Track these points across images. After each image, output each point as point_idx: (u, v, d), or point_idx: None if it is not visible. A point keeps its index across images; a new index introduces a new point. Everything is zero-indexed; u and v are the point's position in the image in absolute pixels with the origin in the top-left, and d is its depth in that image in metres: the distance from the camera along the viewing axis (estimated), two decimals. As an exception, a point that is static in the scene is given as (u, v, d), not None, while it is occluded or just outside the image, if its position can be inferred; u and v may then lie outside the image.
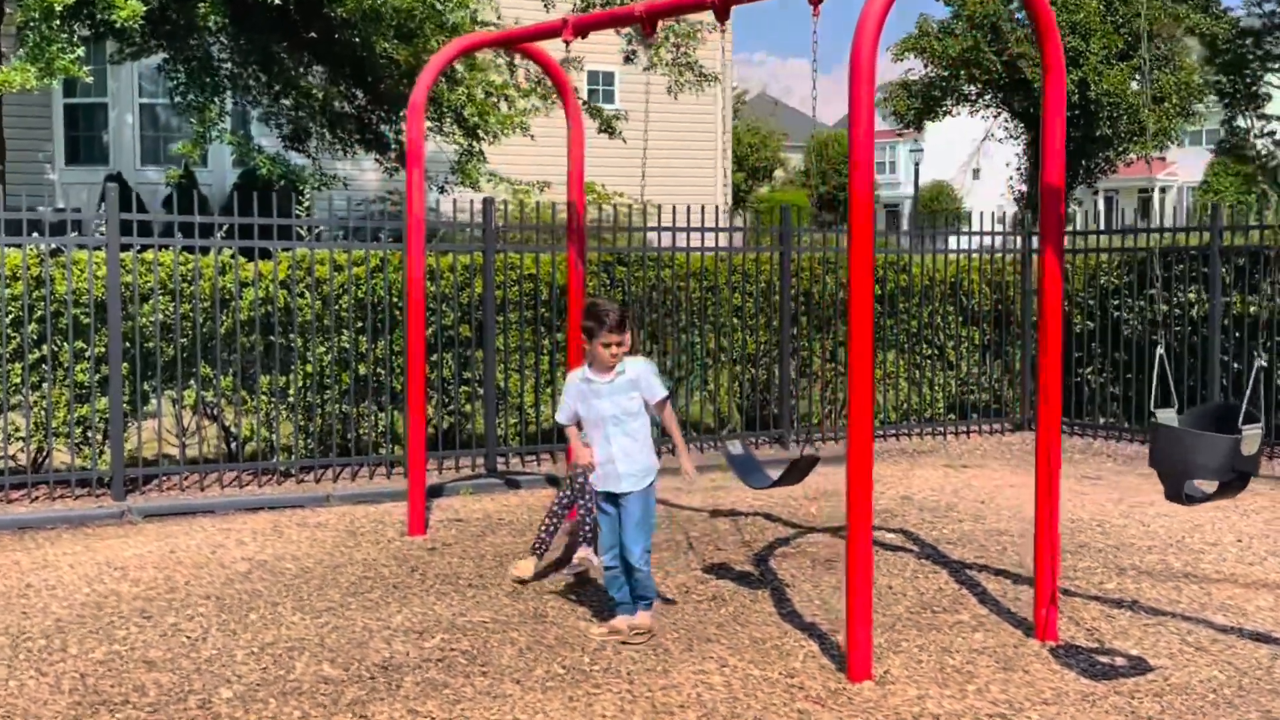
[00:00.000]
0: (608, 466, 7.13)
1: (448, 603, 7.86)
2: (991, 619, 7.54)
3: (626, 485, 7.14)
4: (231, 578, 8.47)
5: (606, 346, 7.06)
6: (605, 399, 7.14)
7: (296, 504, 11.03)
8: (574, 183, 10.13)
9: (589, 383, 7.20)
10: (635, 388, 7.19)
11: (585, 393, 7.19)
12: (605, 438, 7.13)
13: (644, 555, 7.19)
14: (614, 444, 7.12)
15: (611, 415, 7.12)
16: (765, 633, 7.30)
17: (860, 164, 6.33)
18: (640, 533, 7.16)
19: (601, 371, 7.16)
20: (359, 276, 12.05)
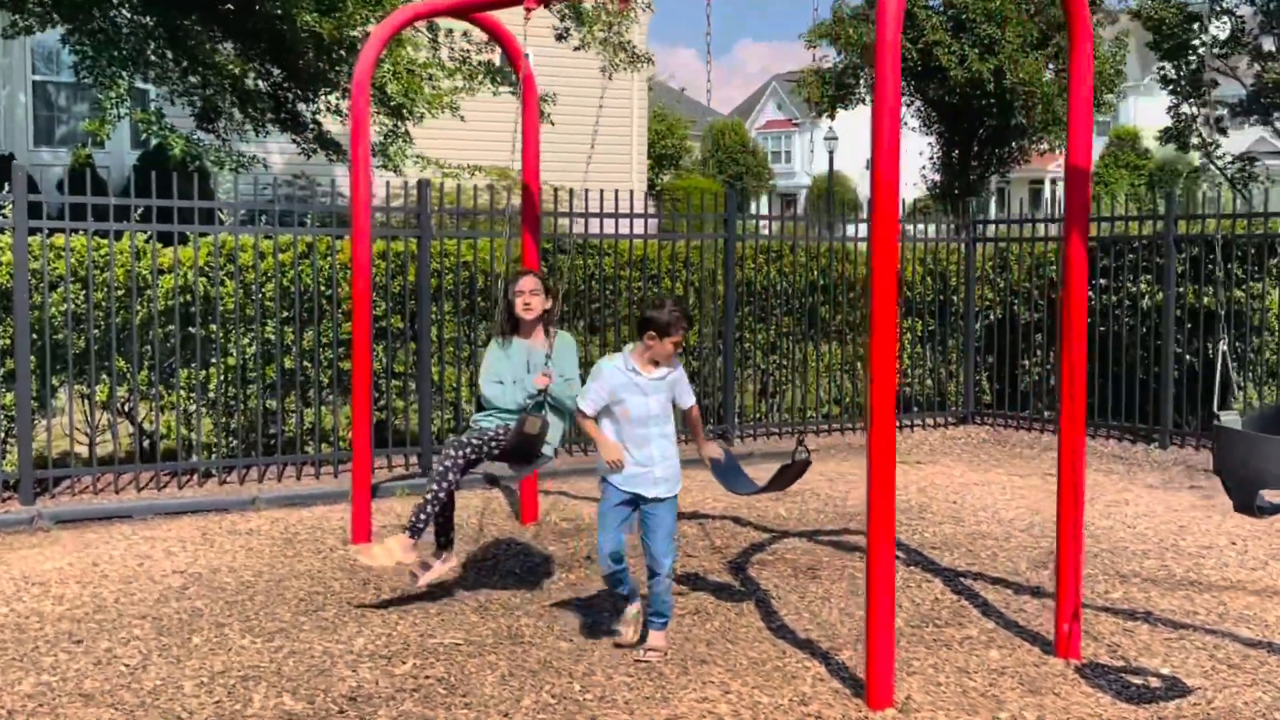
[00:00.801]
0: (645, 469, 6.56)
1: (412, 621, 7.17)
2: (1001, 634, 7.01)
3: (662, 490, 6.61)
4: (166, 594, 7.69)
5: (675, 346, 6.57)
6: (651, 396, 6.57)
7: (221, 507, 10.25)
8: (529, 164, 9.46)
9: (636, 374, 6.57)
10: (671, 389, 6.69)
11: (629, 385, 6.54)
12: (645, 438, 6.56)
13: (671, 569, 6.73)
14: (654, 446, 6.57)
15: (654, 414, 6.58)
16: (761, 652, 6.71)
17: (883, 149, 5.74)
18: (671, 543, 6.69)
19: (649, 366, 6.59)
20: (284, 263, 11.26)
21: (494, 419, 7.43)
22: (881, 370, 5.82)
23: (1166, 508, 10.19)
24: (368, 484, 9.09)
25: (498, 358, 7.52)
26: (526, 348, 7.50)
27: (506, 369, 7.44)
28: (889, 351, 5.84)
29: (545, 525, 9.58)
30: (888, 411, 5.84)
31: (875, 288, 5.84)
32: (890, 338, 5.85)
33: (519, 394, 7.35)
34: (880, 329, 5.83)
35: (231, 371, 11.07)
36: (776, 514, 9.93)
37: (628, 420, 6.55)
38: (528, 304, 7.41)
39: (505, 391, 7.38)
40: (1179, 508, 10.19)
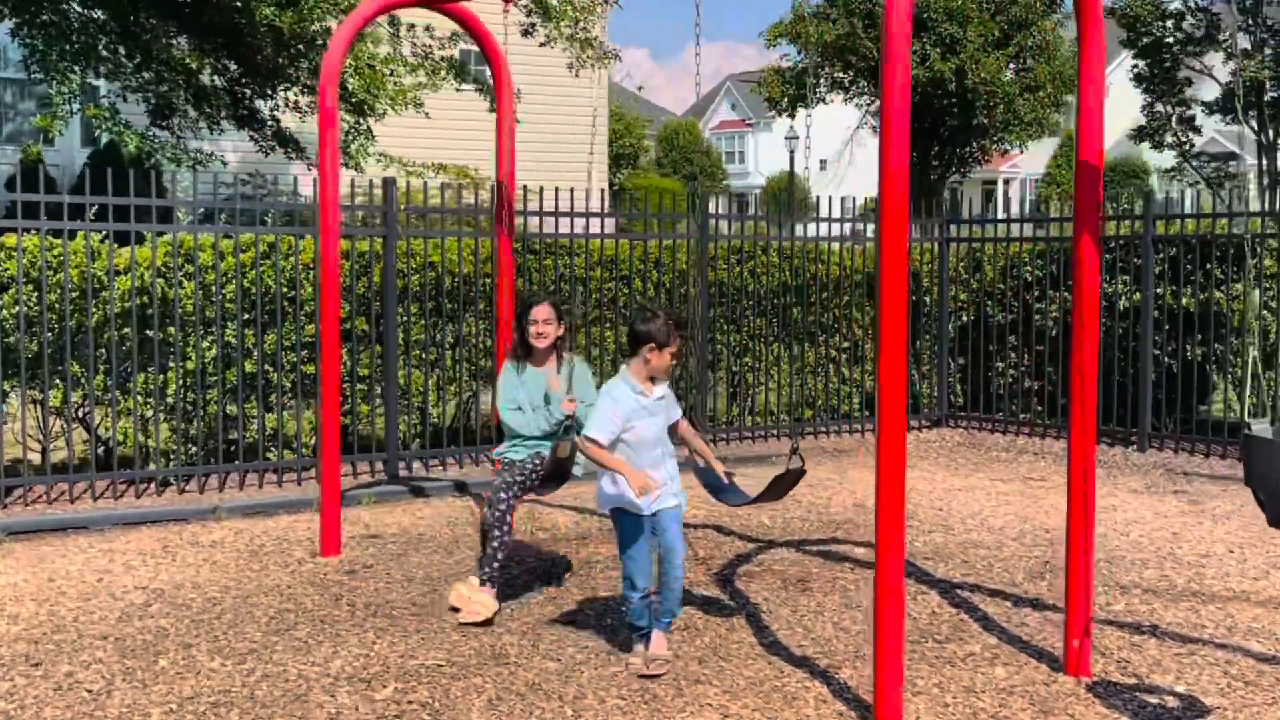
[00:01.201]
0: (661, 489, 6.36)
1: (389, 641, 6.82)
2: (1005, 649, 6.74)
3: (670, 503, 6.44)
4: (128, 612, 7.31)
5: (674, 358, 6.33)
6: (659, 415, 6.35)
7: (180, 517, 9.87)
8: (503, 160, 9.14)
9: (642, 395, 6.30)
10: (668, 407, 6.48)
11: (638, 409, 6.25)
12: (658, 459, 6.36)
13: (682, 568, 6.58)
14: (664, 465, 6.41)
15: (661, 435, 6.35)
16: (758, 670, 6.41)
17: (893, 144, 5.45)
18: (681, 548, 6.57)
19: (648, 385, 6.34)
20: (245, 263, 10.88)
21: (521, 449, 7.53)
22: (891, 376, 5.53)
23: (1155, 514, 9.96)
24: (337, 493, 8.72)
25: (512, 383, 7.57)
26: (542, 375, 7.53)
27: (524, 395, 7.52)
28: (898, 356, 5.56)
29: (521, 535, 9.24)
30: (898, 419, 5.56)
31: (885, 289, 5.55)
32: (900, 341, 5.57)
33: (541, 421, 7.47)
34: (889, 332, 5.55)
35: (190, 376, 10.68)
36: (760, 523, 9.64)
37: (640, 444, 6.27)
38: (540, 333, 7.44)
39: (528, 420, 7.49)
40: (1168, 514, 9.97)
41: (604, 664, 6.50)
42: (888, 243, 5.54)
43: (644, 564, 6.42)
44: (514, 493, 7.23)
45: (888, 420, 5.55)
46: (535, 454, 7.43)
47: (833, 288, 14.01)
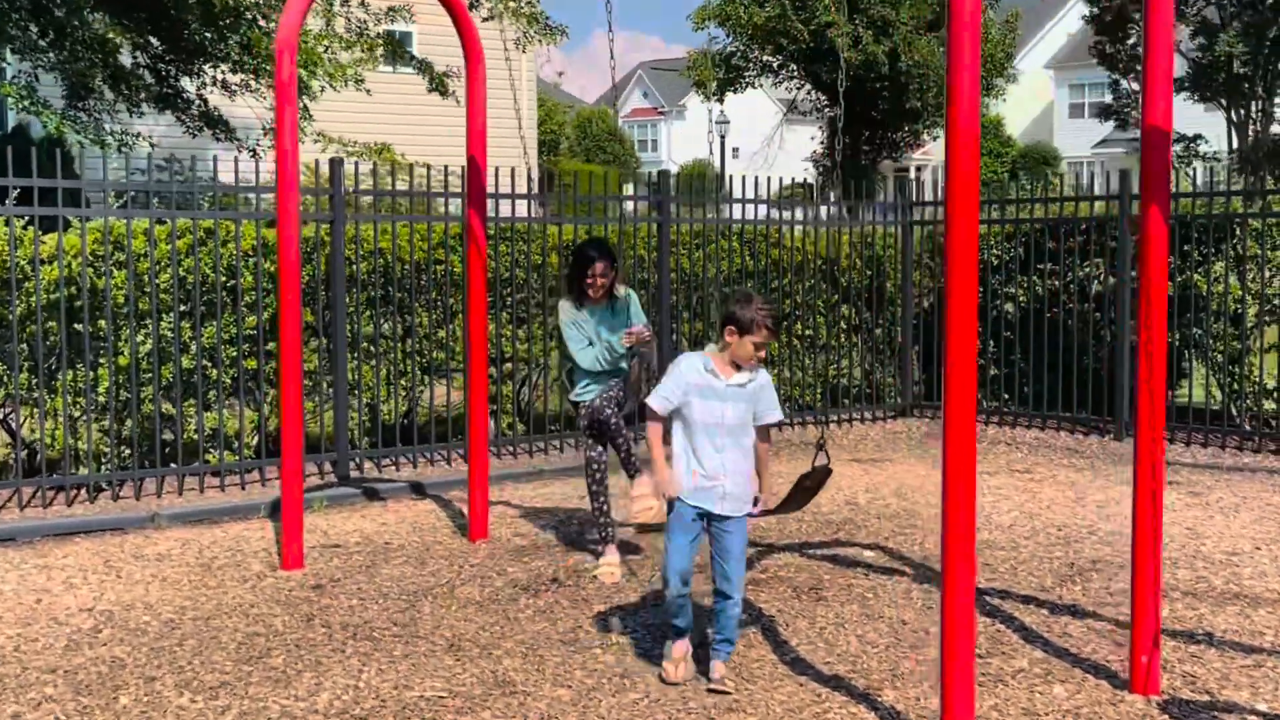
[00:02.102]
0: (713, 482, 5.78)
1: (377, 668, 6.09)
2: (1056, 664, 6.16)
3: (729, 508, 5.84)
4: (76, 639, 6.52)
5: (756, 349, 5.75)
6: (727, 403, 5.76)
7: (116, 526, 9.06)
8: (475, 136, 8.40)
9: (714, 376, 5.74)
10: (754, 400, 5.83)
11: (704, 388, 5.75)
12: (716, 448, 5.77)
13: (742, 589, 5.95)
14: (726, 457, 5.77)
15: (728, 424, 5.76)
16: (791, 695, 5.78)
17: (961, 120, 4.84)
18: (742, 563, 5.90)
19: (729, 369, 5.76)
20: (180, 251, 10.06)
21: (593, 388, 7.80)
22: (960, 371, 4.90)
23: (1167, 509, 9.42)
24: (299, 501, 7.96)
25: (577, 321, 7.79)
26: (601, 311, 7.81)
27: (590, 331, 7.77)
28: (968, 348, 4.93)
29: (497, 542, 8.55)
30: (967, 425, 4.95)
31: (953, 276, 4.93)
32: (970, 332, 4.94)
33: (606, 354, 7.69)
34: (957, 321, 4.92)
35: (123, 372, 9.85)
36: (755, 525, 8.94)
37: (696, 426, 5.75)
38: (597, 285, 7.71)
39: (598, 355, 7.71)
40: (1174, 507, 9.45)
41: (619, 689, 5.84)
42: (957, 231, 4.92)
43: (675, 561, 5.88)
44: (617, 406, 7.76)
45: (956, 424, 4.96)
46: (607, 389, 7.76)
47: (792, 273, 13.38)
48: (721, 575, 5.87)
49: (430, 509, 9.59)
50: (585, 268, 7.69)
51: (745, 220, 13.12)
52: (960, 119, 4.85)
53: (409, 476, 10.71)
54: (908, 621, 6.81)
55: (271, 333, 10.42)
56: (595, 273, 7.67)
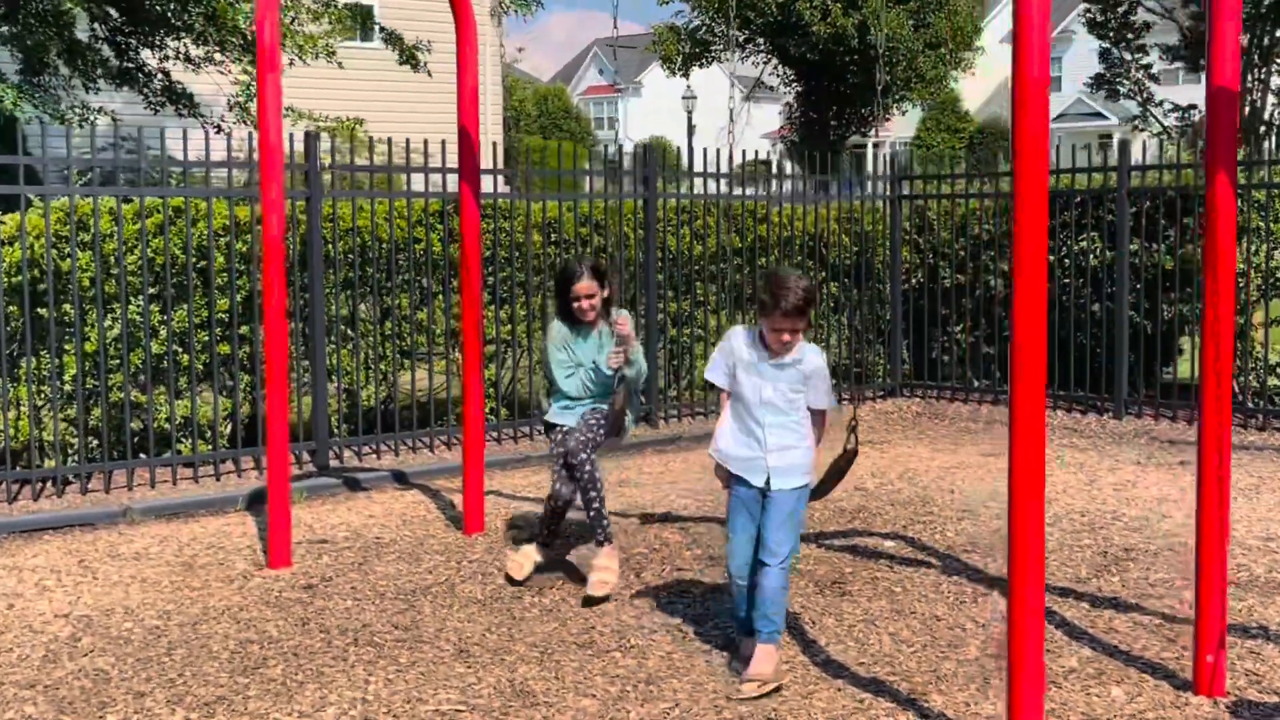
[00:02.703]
0: (754, 456, 5.55)
1: (384, 677, 5.65)
2: (1109, 663, 5.78)
3: (776, 483, 5.53)
4: (54, 650, 6.04)
5: (776, 332, 5.43)
6: (768, 381, 5.51)
7: (86, 522, 8.57)
8: (466, 104, 7.93)
9: (755, 352, 5.52)
10: (801, 380, 5.50)
11: (747, 363, 5.54)
12: (758, 423, 5.54)
13: (787, 559, 5.54)
14: (768, 433, 5.52)
15: (770, 402, 5.51)
16: (830, 700, 5.39)
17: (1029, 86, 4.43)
18: (788, 531, 5.52)
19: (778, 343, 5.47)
20: (149, 230, 9.55)
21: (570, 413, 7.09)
22: (1028, 348, 4.49)
23: (1181, 490, 9.09)
24: (286, 495, 7.48)
25: (567, 347, 7.06)
26: (595, 337, 7.06)
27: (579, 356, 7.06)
28: (1037, 322, 4.53)
29: (493, 535, 8.11)
30: (1036, 398, 4.53)
31: (1021, 246, 4.51)
32: (1040, 304, 4.53)
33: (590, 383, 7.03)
34: (1026, 293, 4.51)
35: (90, 359, 9.34)
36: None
37: (740, 401, 5.58)
38: (585, 309, 6.95)
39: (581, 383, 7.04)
40: (1193, 488, 9.07)
41: (647, 697, 5.42)
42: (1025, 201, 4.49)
43: (734, 544, 5.62)
44: (593, 449, 6.88)
45: (1024, 410, 4.53)
46: (591, 409, 7.04)
47: (777, 249, 12.96)
48: (760, 543, 5.55)
49: (417, 500, 9.13)
50: (568, 287, 6.94)
51: (738, 196, 12.69)
52: (1027, 69, 4.42)
53: (390, 465, 10.25)
54: (941, 617, 6.42)
55: (245, 316, 9.94)
56: (579, 293, 6.89)
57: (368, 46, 15.53)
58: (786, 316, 5.36)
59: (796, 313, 5.37)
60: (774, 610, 5.51)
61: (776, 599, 5.51)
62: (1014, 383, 4.55)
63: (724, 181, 12.57)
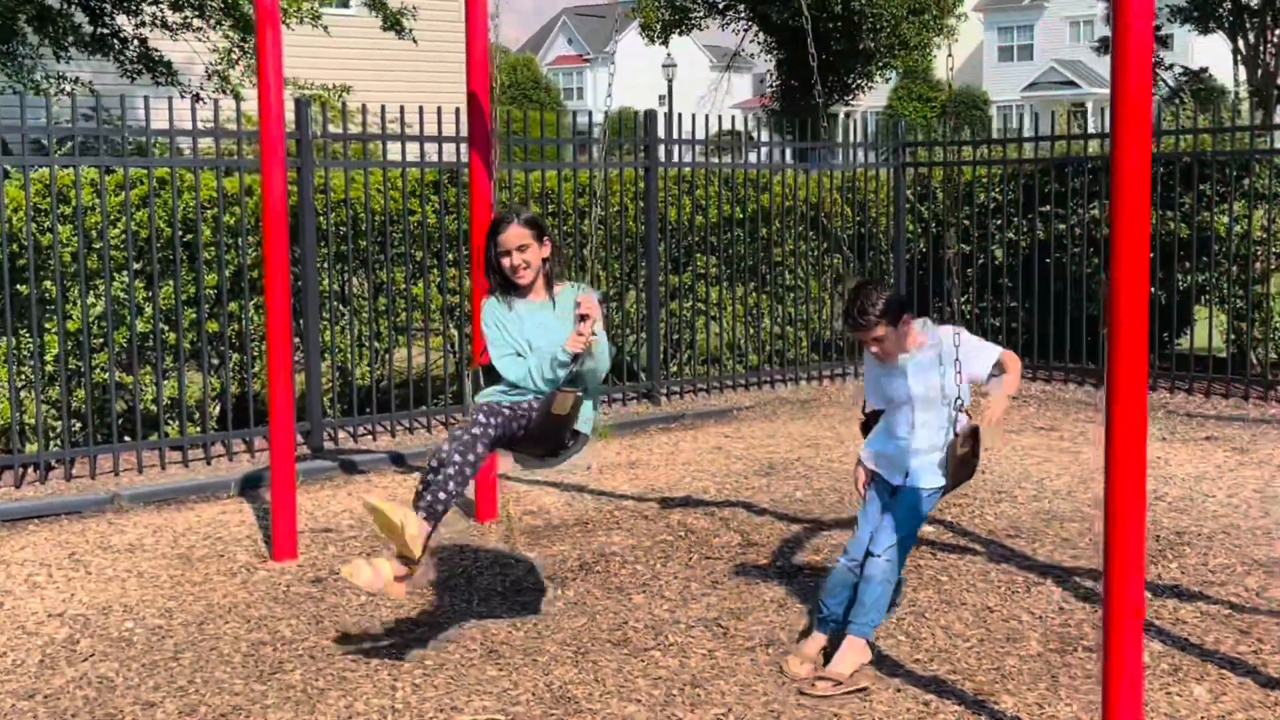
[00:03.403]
0: (896, 455, 5.34)
1: (411, 682, 5.24)
2: (1183, 659, 5.43)
3: (913, 480, 5.31)
4: (51, 653, 5.61)
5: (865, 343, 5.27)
6: (898, 379, 5.30)
7: (73, 510, 8.13)
8: (475, 67, 7.50)
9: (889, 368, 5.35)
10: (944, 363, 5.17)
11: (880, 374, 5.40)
12: (898, 422, 5.35)
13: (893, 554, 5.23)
14: (912, 434, 5.30)
15: (913, 397, 5.27)
16: (891, 702, 5.06)
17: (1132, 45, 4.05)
18: (900, 529, 5.25)
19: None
20: (134, 202, 9.09)
21: (508, 395, 5.44)
22: (1130, 320, 4.11)
23: (1215, 467, 8.77)
24: (292, 481, 7.04)
25: (501, 323, 5.54)
26: (540, 310, 5.57)
27: (519, 337, 5.52)
28: (1139, 293, 4.14)
29: (509, 523, 7.68)
30: (1137, 384, 4.15)
31: (1120, 211, 4.12)
32: (1142, 275, 4.15)
33: (541, 370, 5.42)
34: (1127, 263, 4.12)
35: (72, 338, 8.88)
36: (787, 495, 8.21)
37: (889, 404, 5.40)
38: (515, 266, 5.47)
39: (530, 369, 5.43)
40: (1227, 466, 8.79)
41: (695, 702, 5.05)
42: (1126, 163, 4.11)
43: (859, 529, 5.38)
44: (496, 423, 5.24)
45: (1125, 386, 4.14)
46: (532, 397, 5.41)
47: (778, 219, 12.56)
48: (875, 534, 5.28)
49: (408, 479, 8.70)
50: (493, 239, 5.51)
51: (741, 164, 12.29)
52: (1132, 24, 4.02)
53: (387, 446, 9.83)
54: (993, 609, 6.05)
55: (234, 292, 9.49)
56: (507, 244, 5.44)
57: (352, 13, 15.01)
58: (856, 327, 5.19)
59: (860, 326, 5.16)
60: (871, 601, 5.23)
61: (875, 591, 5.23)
62: (1112, 375, 4.16)
63: (725, 150, 12.16)
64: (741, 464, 9.08)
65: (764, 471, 8.81)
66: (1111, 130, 4.16)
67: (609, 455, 9.44)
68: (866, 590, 5.18)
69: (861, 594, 5.19)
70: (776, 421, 10.87)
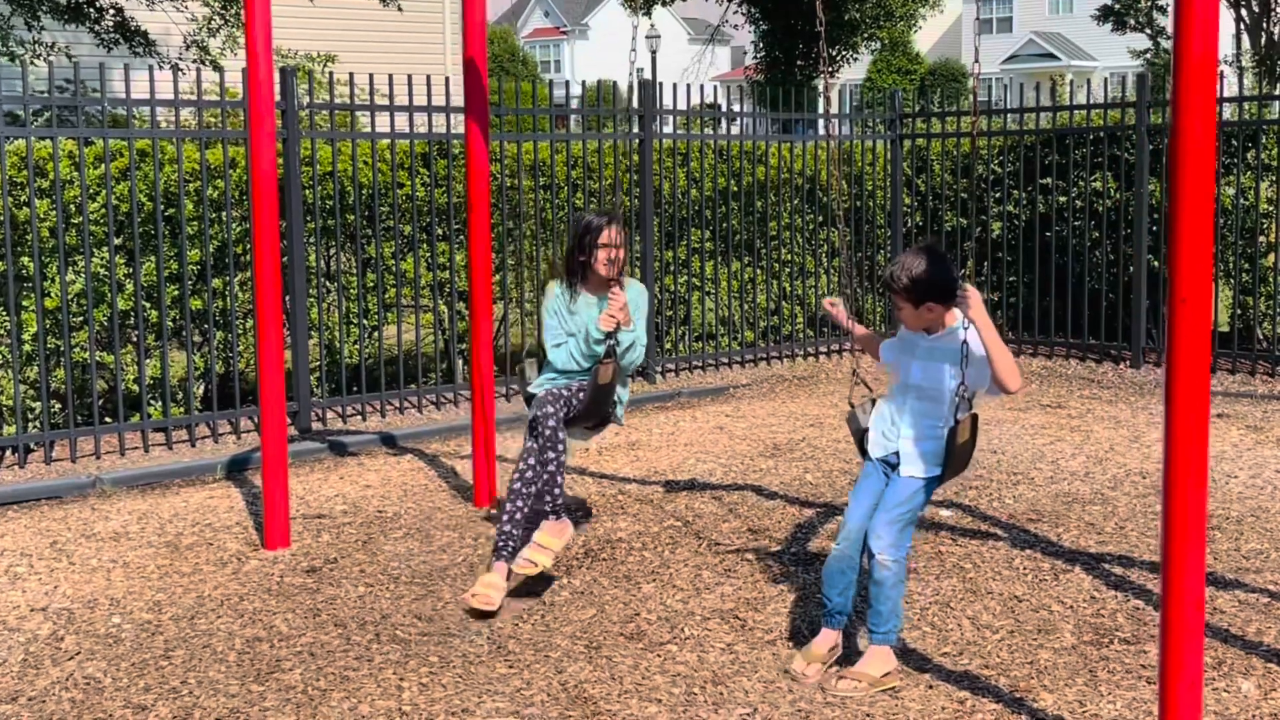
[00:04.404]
0: (890, 441, 5.06)
1: (418, 681, 4.96)
2: (1224, 650, 5.21)
3: (904, 468, 4.99)
4: (35, 651, 5.31)
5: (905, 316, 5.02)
6: (917, 361, 5.00)
7: (53, 494, 7.83)
8: (473, 31, 7.18)
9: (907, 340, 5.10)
10: (958, 357, 4.81)
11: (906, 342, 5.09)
12: (901, 406, 5.05)
13: (895, 551, 4.87)
14: (903, 416, 5.02)
15: (915, 383, 4.99)
16: (924, 699, 4.82)
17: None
18: (896, 523, 4.89)
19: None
20: (114, 175, 8.77)
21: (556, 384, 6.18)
22: (1195, 297, 3.85)
23: (1233, 446, 8.53)
24: (284, 465, 6.75)
25: (561, 313, 6.22)
26: (597, 304, 6.14)
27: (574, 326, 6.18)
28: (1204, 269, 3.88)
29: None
30: (1199, 361, 3.89)
31: (1183, 185, 3.85)
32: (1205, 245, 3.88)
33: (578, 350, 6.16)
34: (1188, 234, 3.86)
35: (51, 316, 8.56)
36: (796, 478, 7.94)
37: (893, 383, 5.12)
38: (613, 259, 6.07)
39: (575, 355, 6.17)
40: (1244, 444, 8.57)
41: (718, 701, 4.78)
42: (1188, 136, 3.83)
43: (851, 511, 5.06)
44: (560, 409, 5.96)
45: (1185, 362, 3.88)
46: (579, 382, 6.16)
47: (774, 192, 12.27)
48: (870, 529, 4.94)
49: (415, 467, 8.42)
50: (593, 239, 6.03)
51: (737, 136, 12.00)
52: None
53: (377, 427, 9.54)
54: (1021, 598, 5.80)
55: (218, 268, 9.18)
56: (610, 242, 6.02)
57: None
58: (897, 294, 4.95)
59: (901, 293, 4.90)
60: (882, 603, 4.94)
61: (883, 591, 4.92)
62: (1173, 343, 3.89)
63: (721, 121, 11.87)
64: (745, 445, 8.81)
65: (769, 453, 8.55)
66: (1173, 99, 3.88)
67: (607, 436, 9.13)
68: (880, 597, 4.87)
69: (876, 602, 4.89)
70: (776, 400, 10.60)
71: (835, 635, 5.08)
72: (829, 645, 5.07)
